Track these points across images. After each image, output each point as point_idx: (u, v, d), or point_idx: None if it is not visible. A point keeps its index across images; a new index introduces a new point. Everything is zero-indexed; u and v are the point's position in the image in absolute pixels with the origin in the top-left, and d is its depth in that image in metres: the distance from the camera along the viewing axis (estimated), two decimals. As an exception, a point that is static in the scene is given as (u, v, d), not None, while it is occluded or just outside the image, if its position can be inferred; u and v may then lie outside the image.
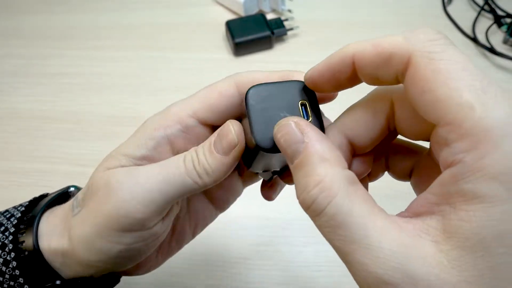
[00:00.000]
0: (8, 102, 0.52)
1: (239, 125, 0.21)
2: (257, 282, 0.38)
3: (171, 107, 0.22)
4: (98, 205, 0.21)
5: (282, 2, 0.57)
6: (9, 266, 0.23)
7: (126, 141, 0.22)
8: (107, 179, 0.21)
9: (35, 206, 0.26)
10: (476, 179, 0.13)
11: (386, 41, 0.16)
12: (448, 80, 0.14)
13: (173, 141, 0.22)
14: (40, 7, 0.62)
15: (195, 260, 0.39)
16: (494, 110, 0.13)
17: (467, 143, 0.13)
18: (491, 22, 0.56)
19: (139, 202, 0.20)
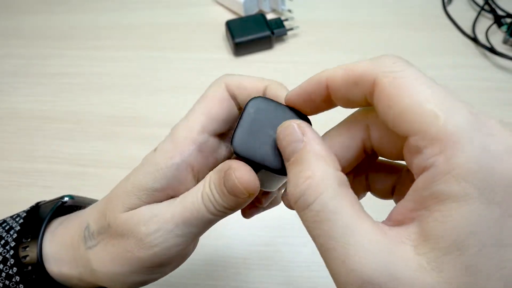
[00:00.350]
0: (8, 102, 0.52)
1: (246, 170, 0.20)
2: (257, 282, 0.38)
3: (178, 130, 0.22)
4: (128, 248, 0.21)
5: (282, 2, 0.57)
6: (12, 280, 0.23)
7: (140, 172, 0.22)
8: (133, 224, 0.21)
9: (32, 217, 0.26)
10: (447, 180, 0.13)
11: (355, 65, 0.17)
12: (411, 93, 0.15)
13: (192, 163, 0.21)
14: (40, 7, 0.62)
15: (195, 260, 0.39)
16: (455, 116, 0.14)
17: (436, 148, 0.14)
18: (491, 22, 0.56)
19: (174, 245, 0.21)
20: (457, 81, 0.51)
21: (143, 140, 0.47)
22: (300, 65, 0.53)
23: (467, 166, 0.13)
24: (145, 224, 0.21)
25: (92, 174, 0.45)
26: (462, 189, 0.13)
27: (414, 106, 0.14)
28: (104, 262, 0.22)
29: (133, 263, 0.21)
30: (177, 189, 0.21)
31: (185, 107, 0.57)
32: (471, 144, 0.13)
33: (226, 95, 0.22)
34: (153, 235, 0.20)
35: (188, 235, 0.21)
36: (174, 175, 0.21)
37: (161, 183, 0.21)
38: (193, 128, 0.21)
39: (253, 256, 0.39)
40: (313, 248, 0.43)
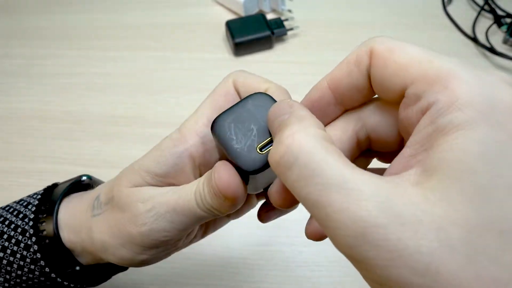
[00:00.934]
0: (8, 102, 0.52)
1: (228, 174, 0.20)
2: (257, 282, 0.38)
3: (185, 122, 0.23)
4: (122, 221, 0.22)
5: (282, 2, 0.57)
6: (30, 250, 0.25)
7: (147, 155, 0.23)
8: (133, 199, 0.22)
9: (49, 194, 0.27)
10: (451, 111, 0.13)
11: (349, 55, 0.18)
12: (405, 51, 0.15)
13: (194, 154, 0.22)
14: (40, 7, 0.62)
15: (195, 259, 0.39)
16: (447, 59, 0.15)
17: (436, 87, 0.14)
18: (491, 22, 0.56)
19: (163, 230, 0.22)
20: (457, 81, 0.51)
21: (143, 140, 0.47)
22: (300, 65, 0.53)
23: (469, 95, 0.13)
24: (143, 202, 0.22)
25: (92, 174, 0.45)
26: (467, 116, 0.13)
27: (409, 58, 0.15)
28: (102, 231, 0.23)
29: (124, 237, 0.22)
30: (177, 177, 0.22)
31: (185, 107, 0.57)
32: (469, 76, 0.14)
33: (232, 90, 0.22)
34: (146, 214, 0.21)
35: (178, 224, 0.22)
36: (175, 163, 0.22)
37: (162, 169, 0.22)
38: (199, 121, 0.22)
39: (253, 256, 0.39)
40: (313, 248, 0.43)
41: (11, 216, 0.26)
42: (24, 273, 0.25)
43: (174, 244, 0.24)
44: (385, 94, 0.17)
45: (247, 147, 0.19)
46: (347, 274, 0.38)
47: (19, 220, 0.26)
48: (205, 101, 0.23)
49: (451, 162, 0.13)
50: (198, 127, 0.22)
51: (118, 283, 0.38)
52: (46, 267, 0.25)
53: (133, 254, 0.23)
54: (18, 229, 0.25)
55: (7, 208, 0.27)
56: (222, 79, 0.23)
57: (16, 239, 0.25)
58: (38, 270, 0.25)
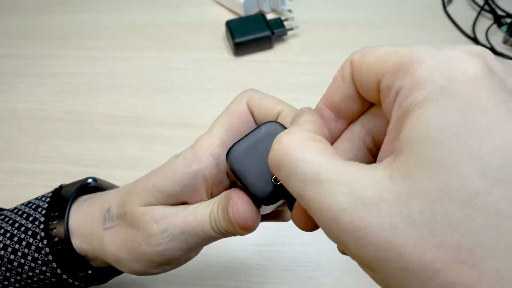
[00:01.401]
0: (8, 102, 0.52)
1: (245, 207, 0.21)
2: (257, 282, 0.38)
3: (199, 142, 0.23)
4: (136, 239, 0.23)
5: (282, 2, 0.57)
6: (41, 252, 0.25)
7: (160, 173, 0.23)
8: (146, 219, 0.22)
9: (58, 197, 0.28)
10: (414, 91, 0.14)
11: (337, 70, 0.19)
12: (375, 52, 0.16)
13: (207, 174, 0.22)
14: (40, 7, 0.62)
15: (195, 259, 0.39)
16: (413, 47, 0.15)
17: (402, 73, 0.14)
18: (491, 22, 0.56)
19: (177, 249, 0.22)
20: (457, 81, 0.51)
21: (143, 140, 0.47)
22: (300, 65, 0.53)
23: (428, 73, 0.13)
24: (157, 222, 0.22)
25: (92, 174, 0.44)
26: (427, 93, 0.13)
27: (379, 56, 0.16)
28: (115, 244, 0.24)
29: (138, 254, 0.23)
30: (190, 197, 0.23)
31: (185, 107, 0.57)
32: (428, 56, 0.14)
33: (246, 111, 0.23)
34: (161, 234, 0.22)
35: (192, 243, 0.22)
36: (190, 183, 0.22)
37: (176, 189, 0.22)
38: (213, 141, 0.22)
39: (253, 256, 0.39)
40: (313, 248, 0.43)
41: (20, 219, 0.27)
42: (35, 274, 0.26)
43: (186, 259, 0.24)
44: (369, 95, 0.17)
45: (263, 178, 0.20)
46: (348, 274, 0.38)
47: (29, 223, 0.26)
48: (219, 121, 0.23)
49: (413, 139, 0.13)
50: (212, 148, 0.22)
51: (119, 284, 0.38)
52: (57, 268, 0.25)
53: (146, 269, 0.23)
54: (29, 231, 0.26)
55: (15, 211, 0.28)
56: (235, 98, 0.23)
57: (27, 242, 0.26)
58: (49, 271, 0.26)
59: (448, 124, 0.12)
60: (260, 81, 0.52)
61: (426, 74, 0.13)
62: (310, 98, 0.51)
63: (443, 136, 0.12)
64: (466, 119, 0.12)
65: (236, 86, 0.52)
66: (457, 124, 0.12)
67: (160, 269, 0.24)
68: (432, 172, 0.12)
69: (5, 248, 0.26)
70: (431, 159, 0.12)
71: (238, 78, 0.52)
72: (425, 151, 0.12)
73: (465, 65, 0.13)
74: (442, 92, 0.13)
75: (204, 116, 0.49)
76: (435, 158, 0.12)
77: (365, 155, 0.19)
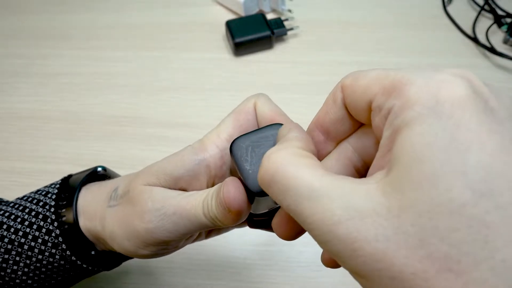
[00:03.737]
0: (8, 102, 0.52)
1: (235, 189, 0.21)
2: (257, 282, 0.38)
3: (208, 135, 0.24)
4: (131, 217, 0.24)
5: (282, 2, 0.57)
6: (52, 235, 0.26)
7: (167, 158, 0.24)
8: (144, 196, 0.23)
9: (67, 184, 0.29)
10: (403, 112, 0.14)
11: (328, 94, 0.19)
12: (366, 75, 0.17)
13: (211, 164, 0.23)
14: (40, 7, 0.62)
15: (196, 260, 0.39)
16: (403, 70, 0.16)
17: (393, 94, 0.15)
18: (491, 22, 0.56)
19: (166, 230, 0.23)
20: (457, 81, 0.51)
21: (143, 140, 0.47)
22: (300, 65, 0.53)
23: (418, 94, 0.14)
24: (153, 201, 0.23)
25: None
26: (416, 112, 0.14)
27: (371, 78, 0.17)
28: (113, 221, 0.25)
29: (129, 230, 0.24)
30: (191, 183, 0.24)
31: (186, 107, 0.57)
32: (418, 79, 0.15)
33: (252, 111, 0.24)
34: (154, 212, 0.23)
35: (182, 227, 0.23)
36: (192, 169, 0.23)
37: (179, 172, 0.23)
38: (220, 135, 0.23)
39: (253, 256, 0.39)
40: (313, 248, 0.43)
41: (31, 205, 0.28)
42: (45, 257, 0.26)
43: (174, 245, 0.25)
44: (360, 115, 0.18)
45: (258, 171, 0.20)
46: (347, 274, 0.38)
47: (39, 208, 0.27)
48: (228, 118, 0.24)
49: (403, 155, 0.14)
50: (219, 141, 0.23)
51: (119, 283, 0.38)
52: (67, 250, 0.26)
53: (135, 248, 0.24)
54: (40, 215, 0.27)
55: (25, 198, 0.29)
56: (245, 99, 0.24)
57: (38, 225, 0.27)
58: (59, 254, 0.26)
59: (435, 142, 0.13)
60: (260, 81, 0.52)
61: (416, 95, 0.14)
62: (310, 98, 0.51)
63: (431, 152, 0.13)
64: (452, 138, 0.13)
65: (236, 86, 0.52)
66: (444, 142, 0.13)
67: (148, 250, 0.24)
68: (421, 186, 0.13)
69: (16, 232, 0.27)
70: (420, 174, 0.13)
71: (238, 78, 0.52)
72: (414, 167, 0.13)
73: (452, 87, 0.14)
74: (431, 112, 0.14)
75: (204, 116, 0.49)
76: (424, 173, 0.13)
77: (352, 172, 0.20)
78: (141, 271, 0.39)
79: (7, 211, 0.28)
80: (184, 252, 0.39)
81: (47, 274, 0.27)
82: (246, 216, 0.22)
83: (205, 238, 0.29)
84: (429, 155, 0.13)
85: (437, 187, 0.13)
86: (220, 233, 0.30)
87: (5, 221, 0.27)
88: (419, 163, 0.13)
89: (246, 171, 0.21)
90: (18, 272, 0.27)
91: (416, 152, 0.13)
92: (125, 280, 0.38)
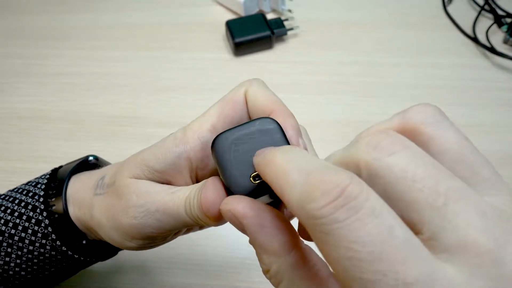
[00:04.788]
0: (8, 102, 0.52)
1: (214, 194, 0.20)
2: (257, 282, 0.38)
3: (191, 123, 0.23)
4: (116, 209, 0.23)
5: (282, 2, 0.57)
6: (41, 225, 0.26)
7: (150, 148, 0.23)
8: (130, 190, 0.23)
9: (57, 174, 0.28)
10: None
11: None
12: (338, 266, 0.13)
13: (192, 157, 0.22)
14: (40, 7, 0.62)
15: (195, 259, 0.39)
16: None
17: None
18: (492, 22, 0.56)
19: (150, 226, 0.22)
20: (457, 81, 0.51)
21: (143, 140, 0.47)
22: (300, 65, 0.53)
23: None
24: (137, 196, 0.22)
25: (92, 174, 0.45)
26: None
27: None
28: (100, 210, 0.25)
29: (115, 223, 0.23)
30: (174, 176, 0.23)
31: (186, 107, 0.57)
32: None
33: (241, 100, 0.23)
34: (138, 208, 0.22)
35: (165, 224, 0.22)
36: (173, 162, 0.22)
37: (161, 166, 0.22)
38: (203, 125, 0.22)
39: (253, 256, 0.39)
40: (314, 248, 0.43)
41: (20, 196, 0.28)
42: (35, 248, 0.26)
43: (161, 239, 0.24)
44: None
45: (242, 173, 0.19)
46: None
47: (29, 198, 0.27)
48: (213, 107, 0.23)
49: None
50: (201, 132, 0.22)
51: (118, 283, 0.38)
52: (57, 240, 0.26)
53: (122, 240, 0.24)
54: (29, 206, 0.27)
55: (15, 189, 0.29)
56: (237, 86, 0.23)
57: (27, 216, 0.26)
58: (49, 244, 0.26)
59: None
60: (260, 81, 0.52)
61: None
62: (310, 98, 0.51)
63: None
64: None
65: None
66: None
67: (135, 243, 0.24)
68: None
69: (6, 224, 0.27)
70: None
71: (238, 78, 0.52)
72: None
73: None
74: None
75: (204, 116, 0.49)
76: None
77: None
78: (139, 271, 0.39)
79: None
80: (184, 252, 0.39)
81: (39, 265, 0.27)
82: (224, 221, 0.21)
83: (199, 229, 0.29)
84: None
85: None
86: (203, 228, 0.29)
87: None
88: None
89: (228, 172, 0.19)
90: (11, 263, 0.27)
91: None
92: (123, 280, 0.38)
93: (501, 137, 0.46)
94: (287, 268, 0.16)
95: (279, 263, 0.16)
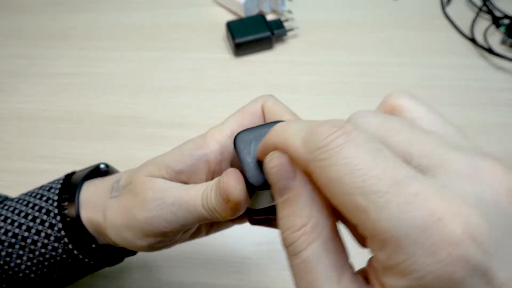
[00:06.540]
0: (8, 102, 0.52)
1: (236, 179, 0.21)
2: (257, 282, 0.38)
3: (211, 130, 0.24)
4: (132, 206, 0.24)
5: (282, 3, 0.58)
6: (54, 228, 0.27)
7: (170, 152, 0.25)
8: (146, 187, 0.24)
9: (70, 180, 0.29)
10: (390, 276, 0.14)
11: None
12: (340, 187, 0.14)
13: (211, 160, 0.24)
14: (40, 7, 0.62)
15: (195, 259, 0.39)
16: (385, 211, 0.13)
17: (375, 244, 0.14)
18: (489, 23, 0.56)
19: (165, 220, 0.23)
20: (455, 81, 0.51)
21: (143, 140, 0.47)
22: (300, 65, 0.53)
23: (403, 267, 0.13)
24: (153, 191, 0.23)
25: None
26: (404, 285, 0.13)
27: (346, 200, 0.14)
28: (114, 211, 0.25)
29: (130, 219, 0.24)
30: (191, 177, 0.24)
31: (186, 107, 0.57)
32: (405, 244, 0.13)
33: (259, 111, 0.24)
34: (154, 201, 0.23)
35: (180, 217, 0.23)
36: (192, 164, 0.24)
37: (180, 166, 0.24)
38: (223, 131, 0.24)
39: (253, 256, 0.39)
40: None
41: (34, 199, 0.28)
42: (47, 251, 0.27)
43: (172, 237, 0.25)
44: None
45: (259, 165, 0.21)
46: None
47: (43, 202, 0.28)
48: (233, 116, 0.25)
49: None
50: (221, 137, 0.24)
51: (120, 282, 0.38)
52: (69, 243, 0.26)
53: (133, 238, 0.24)
54: (43, 210, 0.27)
55: (29, 193, 0.29)
56: (253, 99, 0.25)
57: (41, 219, 0.27)
58: (61, 247, 0.27)
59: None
60: (260, 81, 0.52)
61: (402, 267, 0.13)
62: (310, 98, 0.51)
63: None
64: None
65: (236, 86, 0.52)
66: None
67: (146, 242, 0.24)
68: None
69: (19, 226, 0.27)
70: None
71: (238, 78, 0.53)
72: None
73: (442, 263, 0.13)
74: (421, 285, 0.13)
75: (204, 116, 0.49)
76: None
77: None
78: (142, 270, 0.39)
79: (11, 205, 0.28)
80: (185, 251, 0.40)
81: (49, 268, 0.27)
82: (244, 209, 0.22)
83: (206, 234, 0.29)
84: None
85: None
86: (220, 229, 0.30)
87: (9, 216, 0.28)
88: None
89: (248, 164, 0.21)
90: (22, 266, 0.27)
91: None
92: (126, 278, 0.38)
93: (499, 137, 0.47)
94: (325, 225, 0.16)
95: (320, 217, 0.16)
